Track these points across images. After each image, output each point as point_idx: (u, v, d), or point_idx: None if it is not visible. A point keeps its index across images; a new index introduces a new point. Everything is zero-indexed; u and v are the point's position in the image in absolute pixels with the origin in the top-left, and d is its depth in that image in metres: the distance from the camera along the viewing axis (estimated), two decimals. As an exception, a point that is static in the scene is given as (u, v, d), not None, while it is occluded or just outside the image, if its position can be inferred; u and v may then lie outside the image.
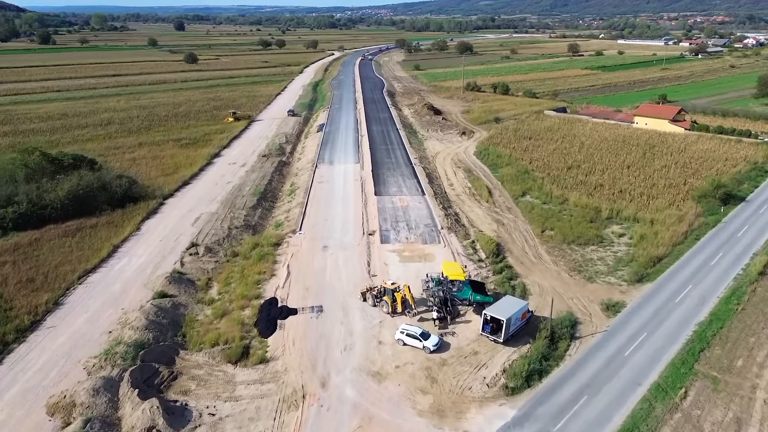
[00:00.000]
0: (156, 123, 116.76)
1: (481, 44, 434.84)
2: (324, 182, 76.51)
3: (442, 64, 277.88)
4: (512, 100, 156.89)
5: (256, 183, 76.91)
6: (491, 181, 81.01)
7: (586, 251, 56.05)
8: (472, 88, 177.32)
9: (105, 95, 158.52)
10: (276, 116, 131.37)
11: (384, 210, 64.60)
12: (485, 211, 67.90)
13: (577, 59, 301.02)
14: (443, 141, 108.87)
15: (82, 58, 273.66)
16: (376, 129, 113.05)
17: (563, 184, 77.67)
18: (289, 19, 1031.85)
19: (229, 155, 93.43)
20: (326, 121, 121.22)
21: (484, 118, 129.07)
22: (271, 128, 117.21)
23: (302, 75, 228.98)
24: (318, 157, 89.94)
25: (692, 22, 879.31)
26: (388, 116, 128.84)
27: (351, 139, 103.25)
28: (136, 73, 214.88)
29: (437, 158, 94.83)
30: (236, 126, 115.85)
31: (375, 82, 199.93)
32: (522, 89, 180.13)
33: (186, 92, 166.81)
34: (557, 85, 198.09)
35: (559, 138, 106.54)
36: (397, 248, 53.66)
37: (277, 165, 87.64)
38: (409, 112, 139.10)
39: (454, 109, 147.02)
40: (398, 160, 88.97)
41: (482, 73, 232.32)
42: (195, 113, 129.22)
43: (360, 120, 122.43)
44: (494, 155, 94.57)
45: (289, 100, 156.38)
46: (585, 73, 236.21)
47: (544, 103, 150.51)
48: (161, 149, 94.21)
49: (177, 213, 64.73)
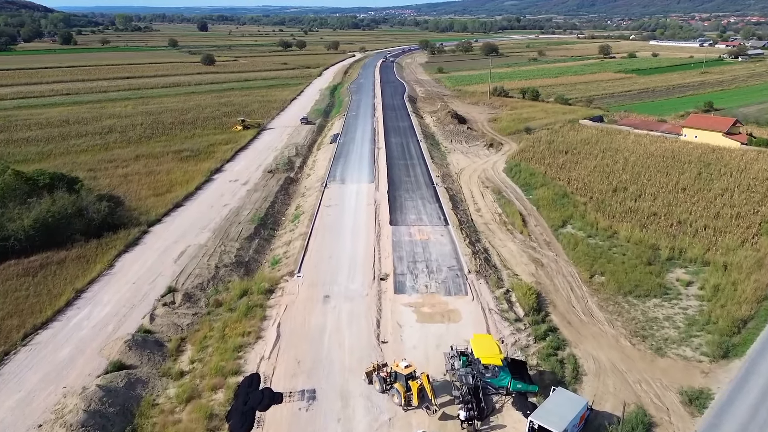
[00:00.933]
0: (159, 131, 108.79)
1: (507, 45, 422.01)
2: (333, 206, 66.97)
3: (466, 67, 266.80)
4: (543, 107, 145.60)
5: (256, 206, 67.76)
6: (525, 206, 70.55)
7: (647, 306, 45.42)
8: (499, 93, 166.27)
9: (114, 99, 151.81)
10: (288, 124, 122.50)
11: (400, 245, 54.76)
12: (520, 245, 57.60)
13: (608, 62, 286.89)
14: (468, 154, 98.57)
15: (99, 59, 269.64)
16: (394, 140, 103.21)
17: (610, 211, 66.81)
18: (312, 19, 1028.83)
19: (231, 170, 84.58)
20: (341, 131, 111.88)
21: (514, 127, 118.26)
22: (282, 138, 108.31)
23: (321, 78, 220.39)
24: (329, 174, 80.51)
25: (726, 22, 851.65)
26: (408, 125, 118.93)
27: (366, 152, 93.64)
28: (150, 76, 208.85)
29: (462, 175, 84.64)
30: (244, 135, 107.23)
31: (396, 86, 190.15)
32: (552, 94, 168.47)
33: (197, 96, 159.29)
34: (590, 90, 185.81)
35: (598, 152, 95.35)
36: (414, 301, 43.75)
37: (283, 183, 78.46)
38: (431, 121, 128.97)
39: (480, 116, 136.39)
40: (418, 178, 79.00)
41: (509, 77, 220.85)
42: (202, 120, 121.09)
43: (378, 130, 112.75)
44: (527, 173, 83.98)
45: (304, 106, 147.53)
46: (619, 77, 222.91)
47: (578, 111, 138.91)
48: (158, 163, 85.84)
49: (160, 245, 55.84)
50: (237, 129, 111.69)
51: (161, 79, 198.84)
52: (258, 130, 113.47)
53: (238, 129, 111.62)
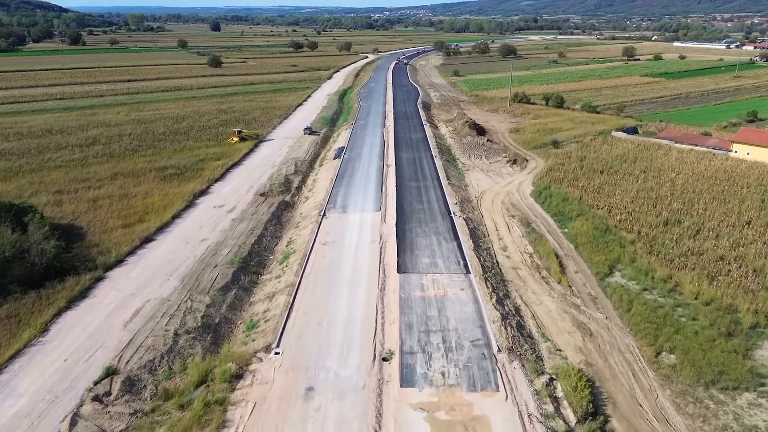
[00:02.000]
0: (147, 143, 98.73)
1: (525, 47, 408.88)
2: (330, 243, 55.95)
3: (483, 69, 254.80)
4: (569, 116, 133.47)
5: (240, 242, 57.03)
6: (560, 243, 59.02)
7: (739, 405, 33.83)
8: (521, 99, 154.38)
9: (108, 104, 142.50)
10: (290, 135, 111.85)
11: (409, 303, 43.58)
12: (559, 302, 46.16)
13: (633, 64, 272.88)
14: (490, 173, 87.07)
15: (104, 60, 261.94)
16: (405, 156, 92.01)
17: (665, 253, 55.03)
18: (326, 19, 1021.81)
19: (218, 193, 73.94)
20: (347, 143, 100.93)
21: (539, 140, 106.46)
22: (281, 151, 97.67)
23: (330, 81, 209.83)
24: (328, 199, 69.48)
25: (749, 23, 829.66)
26: (422, 137, 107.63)
27: (374, 171, 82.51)
28: (152, 78, 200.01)
29: (483, 200, 73.20)
30: (239, 149, 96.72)
31: (409, 90, 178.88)
32: (578, 101, 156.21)
33: (197, 102, 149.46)
34: (617, 96, 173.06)
35: (639, 172, 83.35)
36: (427, 401, 32.39)
37: (276, 209, 67.67)
38: (447, 131, 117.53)
39: (501, 126, 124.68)
40: (432, 205, 67.69)
41: (529, 80, 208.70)
42: (197, 130, 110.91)
43: (387, 142, 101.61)
44: (558, 198, 72.30)
45: (310, 114, 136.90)
46: (646, 81, 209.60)
47: (608, 121, 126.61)
48: (137, 183, 75.51)
49: (112, 299, 45.25)
50: (233, 141, 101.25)
51: (163, 83, 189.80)
52: (256, 142, 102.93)
53: (234, 141, 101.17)
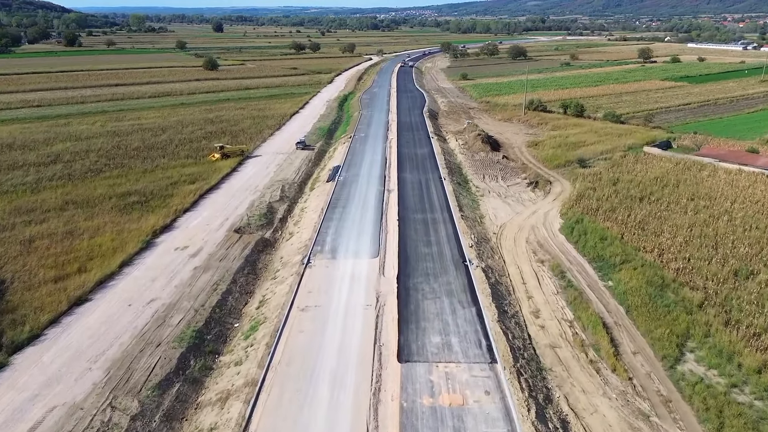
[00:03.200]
0: (116, 162, 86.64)
1: (534, 48, 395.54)
2: (312, 308, 43.41)
3: (493, 72, 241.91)
4: (591, 126, 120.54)
5: (198, 303, 44.69)
6: (606, 304, 46.35)
7: None
8: (536, 106, 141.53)
9: (86, 113, 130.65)
10: (281, 149, 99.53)
11: (413, 423, 30.97)
12: (619, 409, 33.51)
13: (651, 67, 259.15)
14: (508, 199, 74.39)
15: (96, 62, 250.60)
16: (410, 178, 79.45)
17: (747, 323, 42.17)
18: (331, 20, 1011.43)
19: (184, 228, 61.63)
20: (343, 161, 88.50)
21: (562, 156, 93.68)
22: (268, 171, 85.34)
23: (331, 86, 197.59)
24: (316, 238, 57.00)
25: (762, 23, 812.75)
26: (428, 152, 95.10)
27: (372, 198, 69.97)
28: (142, 83, 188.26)
29: (504, 237, 60.60)
30: (220, 168, 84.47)
31: (414, 96, 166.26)
32: (598, 108, 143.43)
33: (184, 110, 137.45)
34: (639, 102, 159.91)
35: (686, 200, 70.48)
36: None
37: (251, 251, 55.32)
38: (457, 145, 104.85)
39: (516, 138, 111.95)
40: (442, 248, 55.09)
41: (542, 85, 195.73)
42: (177, 144, 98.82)
43: (390, 160, 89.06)
44: (595, 236, 59.58)
45: (305, 124, 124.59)
46: (669, 86, 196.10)
47: (636, 133, 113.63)
48: (89, 216, 63.29)
49: (4, 407, 32.90)
50: (213, 158, 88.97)
51: (152, 87, 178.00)
52: (240, 159, 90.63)
53: (214, 158, 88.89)
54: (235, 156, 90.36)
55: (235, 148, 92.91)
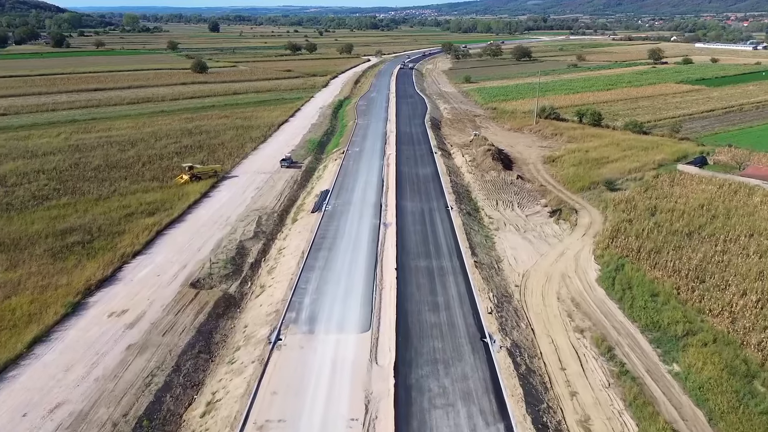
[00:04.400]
0: (67, 186, 74.27)
1: (537, 48, 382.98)
2: (273, 425, 31.12)
3: (497, 74, 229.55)
4: (612, 138, 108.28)
5: (120, 412, 32.46)
6: (678, 406, 34.09)
7: None
8: (549, 114, 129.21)
9: (53, 123, 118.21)
10: (263, 168, 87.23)
11: None
12: None
13: (663, 69, 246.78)
14: (528, 234, 62.12)
15: (79, 65, 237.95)
16: (411, 207, 67.14)
17: None
18: (330, 19, 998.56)
19: (127, 282, 49.28)
20: (333, 184, 76.18)
21: (585, 176, 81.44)
22: (245, 197, 73.03)
23: (326, 90, 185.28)
24: (291, 298, 44.74)
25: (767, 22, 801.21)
26: (432, 173, 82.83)
27: (365, 238, 57.64)
28: (123, 87, 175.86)
29: (529, 293, 48.38)
30: (189, 193, 72.15)
31: (415, 102, 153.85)
32: (614, 115, 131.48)
33: (162, 119, 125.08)
34: (658, 107, 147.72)
35: (744, 236, 58.31)
36: None
37: (207, 318, 43.13)
38: (464, 161, 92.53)
39: (530, 153, 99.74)
40: (453, 315, 42.79)
41: (551, 89, 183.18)
42: (144, 163, 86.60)
43: (387, 183, 76.68)
44: (644, 291, 47.37)
45: (294, 135, 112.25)
46: (686, 89, 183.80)
47: (663, 146, 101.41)
48: (11, 264, 50.91)
49: None
50: (181, 181, 76.64)
51: (133, 92, 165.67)
52: (214, 182, 78.31)
53: (182, 181, 76.56)
54: (207, 178, 77.95)
55: (207, 168, 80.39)
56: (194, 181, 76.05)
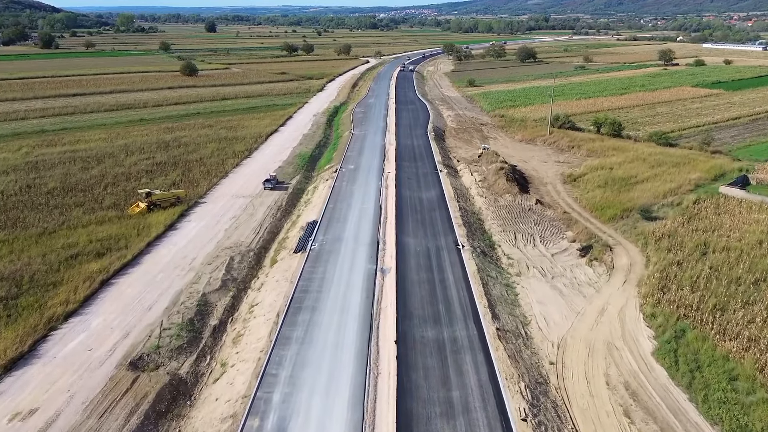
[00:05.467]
0: (8, 217, 63.03)
1: (541, 48, 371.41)
2: None
3: (502, 77, 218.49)
4: (636, 151, 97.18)
5: None
6: None
7: None
8: (562, 123, 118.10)
9: (17, 134, 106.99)
10: (243, 190, 76.05)
11: None
12: None
13: (675, 71, 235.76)
14: (557, 281, 50.97)
15: (64, 67, 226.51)
16: (414, 245, 55.98)
17: None
18: (329, 19, 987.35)
19: (47, 361, 38.10)
20: (322, 214, 64.93)
21: (615, 202, 70.31)
22: (217, 229, 61.89)
23: (321, 94, 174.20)
24: (254, 394, 33.61)
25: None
26: (438, 196, 71.72)
27: (357, 293, 46.41)
28: (105, 92, 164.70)
29: (569, 375, 37.27)
30: (151, 226, 60.92)
31: (416, 109, 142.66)
32: (634, 123, 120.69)
33: (139, 129, 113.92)
34: (679, 114, 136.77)
35: (826, 289, 47.27)
36: None
37: (143, 420, 32.06)
38: (473, 181, 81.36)
39: (547, 169, 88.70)
40: (472, 415, 31.73)
41: (561, 93, 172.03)
42: (107, 184, 75.54)
43: (386, 211, 65.43)
44: (717, 372, 36.33)
45: (282, 149, 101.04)
46: (704, 94, 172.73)
47: (695, 161, 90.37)
48: None
49: None
50: (136, 210, 65.05)
51: (114, 98, 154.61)
52: (184, 209, 67.11)
53: (137, 210, 64.98)
54: (168, 206, 66.33)
55: (168, 195, 68.21)
56: (153, 211, 64.63)
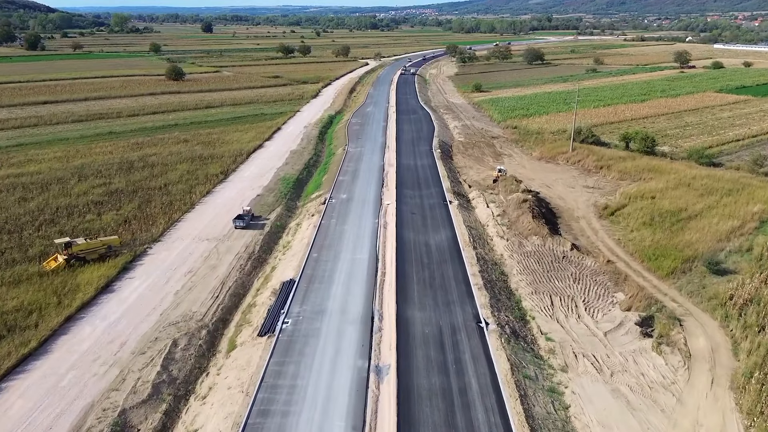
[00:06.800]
0: None
1: (547, 49, 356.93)
2: None
3: (510, 81, 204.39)
4: (677, 174, 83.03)
5: None
6: None
7: None
8: (585, 137, 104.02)
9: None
10: (209, 230, 61.89)
11: None
12: None
13: (694, 74, 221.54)
14: (618, 379, 36.79)
15: (43, 71, 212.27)
16: (421, 322, 41.77)
17: None
18: (329, 19, 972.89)
19: None
20: (301, 271, 50.53)
21: (670, 249, 56.20)
22: (166, 292, 47.70)
23: (316, 101, 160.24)
24: None
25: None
26: (448, 241, 57.59)
27: (341, 410, 32.32)
28: (79, 99, 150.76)
29: None
30: (79, 286, 46.84)
31: (419, 119, 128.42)
32: (663, 136, 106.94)
33: (105, 144, 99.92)
34: (709, 124, 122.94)
35: None
36: None
37: None
38: (489, 214, 67.21)
39: (575, 197, 74.56)
40: None
41: (574, 100, 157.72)
42: (45, 220, 61.59)
43: (384, 265, 51.20)
44: None
45: (264, 170, 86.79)
46: (732, 100, 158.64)
47: (750, 186, 76.20)
48: None
49: None
50: (53, 265, 50.17)
51: (88, 106, 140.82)
52: (128, 261, 52.99)
53: (53, 265, 50.09)
54: (97, 258, 51.87)
55: (95, 244, 52.94)
56: (75, 266, 50.21)
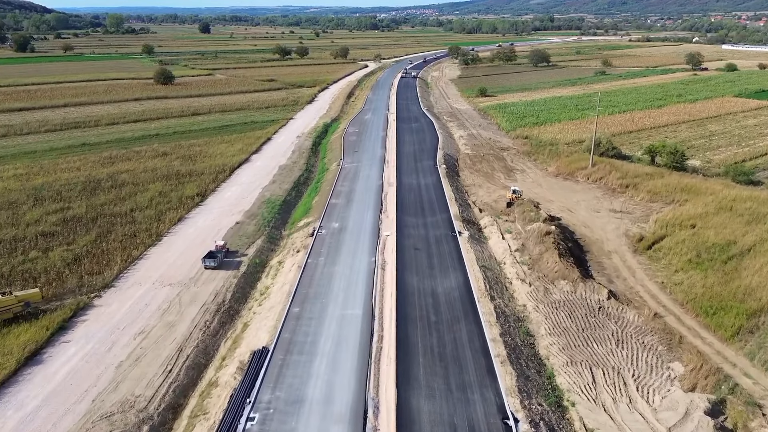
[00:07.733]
0: None
1: (552, 50, 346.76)
2: None
3: (516, 85, 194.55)
4: (716, 195, 73.03)
5: None
6: None
7: None
8: (605, 150, 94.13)
9: None
10: (174, 271, 51.94)
11: None
12: None
13: (708, 77, 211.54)
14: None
15: (27, 74, 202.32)
16: (429, 418, 31.86)
17: None
18: (329, 20, 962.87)
19: None
20: (278, 335, 40.56)
21: (728, 300, 46.30)
22: (105, 365, 37.60)
23: (311, 107, 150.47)
24: None
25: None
26: (460, 288, 47.69)
27: None
28: (57, 105, 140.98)
29: None
30: None
31: (421, 128, 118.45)
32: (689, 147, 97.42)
33: (73, 158, 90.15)
34: (734, 133, 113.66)
35: None
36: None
37: None
38: (505, 249, 57.27)
39: (603, 224, 64.59)
40: None
41: (589, 106, 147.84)
42: (-24, 260, 51.79)
43: (380, 331, 41.24)
44: None
45: (247, 191, 76.79)
46: (754, 106, 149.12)
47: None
48: None
49: None
50: None
51: (65, 113, 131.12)
52: (67, 317, 43.11)
53: None
54: (12, 316, 41.71)
55: (9, 300, 41.96)
56: None
